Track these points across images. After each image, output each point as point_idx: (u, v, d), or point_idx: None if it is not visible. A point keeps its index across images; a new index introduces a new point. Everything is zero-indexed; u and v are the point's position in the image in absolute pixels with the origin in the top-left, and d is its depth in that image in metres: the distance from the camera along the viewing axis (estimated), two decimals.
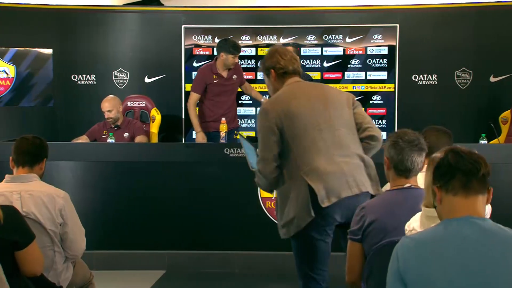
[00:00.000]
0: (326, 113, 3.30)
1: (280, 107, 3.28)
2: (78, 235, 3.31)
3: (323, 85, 3.69)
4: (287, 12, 7.16)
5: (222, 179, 5.29)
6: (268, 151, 3.25)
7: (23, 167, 3.28)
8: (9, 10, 6.99)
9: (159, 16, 7.21)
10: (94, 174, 5.30)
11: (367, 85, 7.08)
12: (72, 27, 7.14)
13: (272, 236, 5.18)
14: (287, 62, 3.43)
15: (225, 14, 7.21)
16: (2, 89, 6.99)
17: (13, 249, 2.82)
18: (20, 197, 3.16)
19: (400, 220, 2.59)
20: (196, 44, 7.05)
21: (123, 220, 5.26)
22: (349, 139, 3.32)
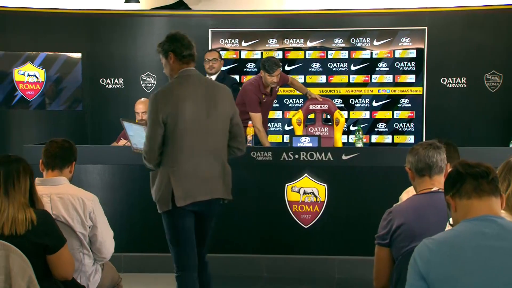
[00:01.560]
0: (208, 119, 3.67)
1: (169, 105, 3.61)
2: (107, 238, 3.33)
3: (215, 86, 3.89)
4: (314, 16, 7.14)
5: (249, 182, 5.28)
6: (153, 141, 3.62)
7: (53, 170, 3.32)
8: (38, 15, 7.08)
9: (187, 20, 7.24)
10: (122, 177, 5.33)
11: (394, 88, 7.03)
12: (101, 31, 7.21)
13: (299, 240, 5.20)
14: (185, 47, 3.82)
15: (252, 17, 7.22)
16: (32, 93, 7.08)
17: (45, 252, 2.85)
18: (50, 200, 3.19)
19: (428, 224, 2.56)
20: (223, 47, 7.07)
21: (151, 223, 5.26)
22: (220, 146, 3.76)
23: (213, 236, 5.23)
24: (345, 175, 5.20)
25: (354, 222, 5.17)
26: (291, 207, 5.19)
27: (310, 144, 5.36)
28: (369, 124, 7.04)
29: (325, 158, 5.16)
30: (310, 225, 5.19)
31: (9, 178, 2.82)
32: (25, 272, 2.70)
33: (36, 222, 2.79)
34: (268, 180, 5.26)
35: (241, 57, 7.09)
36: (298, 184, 5.18)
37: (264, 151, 5.21)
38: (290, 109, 7.06)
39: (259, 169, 5.23)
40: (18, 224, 2.76)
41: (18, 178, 2.83)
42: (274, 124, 7.12)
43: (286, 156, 5.19)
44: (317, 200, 5.16)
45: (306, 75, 7.06)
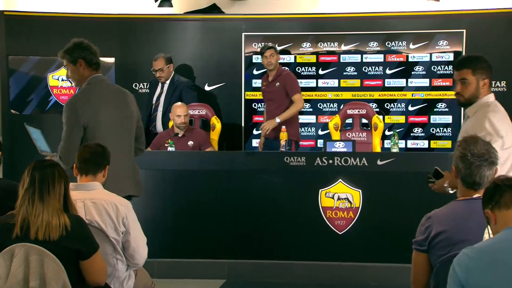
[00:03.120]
0: (122, 122, 4.02)
1: (89, 110, 3.89)
2: (140, 244, 3.35)
3: (122, 91, 4.24)
4: (348, 19, 7.11)
5: (283, 187, 5.29)
6: (72, 144, 3.82)
7: (86, 176, 3.36)
8: (72, 20, 7.18)
9: (220, 24, 7.28)
10: (155, 183, 5.37)
11: (431, 93, 6.96)
12: (134, 35, 7.28)
13: (333, 246, 5.19)
14: (94, 54, 4.07)
15: (286, 21, 7.22)
16: (66, 98, 7.15)
17: (78, 258, 2.88)
18: (83, 205, 3.22)
19: (468, 232, 2.53)
20: (256, 51, 7.07)
21: (183, 229, 5.31)
22: (131, 147, 4.13)
23: (245, 242, 5.26)
24: (380, 180, 5.17)
25: (390, 228, 5.14)
26: (325, 213, 5.18)
27: (345, 149, 5.35)
28: (405, 128, 6.98)
29: (359, 163, 5.15)
30: (345, 231, 5.17)
31: (44, 183, 2.85)
32: (59, 277, 2.73)
33: (70, 228, 2.82)
34: (301, 186, 5.26)
35: None
36: (332, 189, 5.16)
37: (298, 156, 5.22)
38: (324, 114, 7.04)
39: (293, 175, 5.24)
40: (52, 229, 2.79)
41: (53, 183, 2.86)
42: (307, 129, 7.11)
43: (320, 161, 5.19)
44: (352, 206, 5.14)
45: (340, 79, 7.03)
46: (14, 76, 7.09)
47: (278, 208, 5.24)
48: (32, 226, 2.78)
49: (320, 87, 7.04)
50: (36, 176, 2.85)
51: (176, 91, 6.59)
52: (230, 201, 5.29)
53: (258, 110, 7.08)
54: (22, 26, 7.09)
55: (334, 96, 7.05)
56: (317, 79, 7.05)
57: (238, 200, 5.28)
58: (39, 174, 2.85)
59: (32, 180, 2.84)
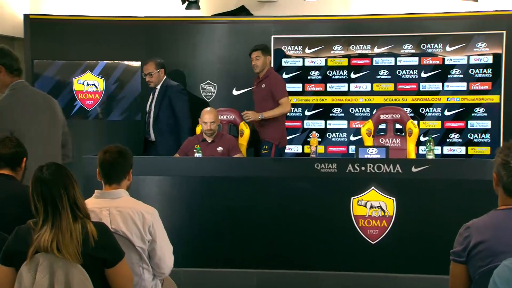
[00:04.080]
0: (48, 129, 4.20)
1: (15, 116, 4.04)
2: (166, 252, 3.35)
3: (47, 97, 4.43)
4: (382, 20, 7.08)
5: (313, 195, 5.25)
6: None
7: (111, 185, 3.37)
8: (98, 24, 7.26)
9: (248, 26, 7.29)
10: (181, 189, 5.38)
11: (468, 97, 6.88)
12: (160, 39, 7.32)
13: (365, 256, 5.14)
14: (15, 61, 4.20)
15: (316, 23, 7.20)
16: (91, 103, 7.25)
17: (103, 266, 2.88)
18: (109, 213, 3.23)
19: (509, 243, 2.48)
20: (286, 54, 7.08)
21: (210, 237, 5.31)
22: (58, 153, 4.34)
23: (275, 251, 5.24)
24: (415, 188, 5.12)
25: (425, 238, 5.08)
26: (357, 222, 5.14)
27: (378, 155, 5.31)
28: (441, 134, 6.91)
29: (393, 170, 5.10)
30: (378, 241, 5.12)
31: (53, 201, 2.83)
32: (85, 286, 2.74)
33: (96, 236, 2.82)
34: (332, 193, 5.22)
35: (305, 64, 7.09)
36: (364, 197, 5.12)
37: (329, 162, 5.18)
38: (356, 119, 7.01)
39: (323, 182, 5.20)
40: (79, 239, 2.79)
41: (61, 199, 2.84)
42: (338, 134, 7.08)
43: (352, 168, 5.15)
44: (385, 215, 5.10)
45: (373, 83, 6.99)
46: (39, 80, 7.18)
47: (308, 216, 5.21)
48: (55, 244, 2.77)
49: (352, 91, 7.00)
50: (42, 198, 2.83)
51: (166, 96, 6.61)
52: (258, 208, 5.27)
53: (287, 115, 7.05)
54: (47, 30, 7.19)
55: (366, 100, 7.01)
56: (349, 83, 7.02)
57: (267, 208, 5.26)
58: (45, 192, 2.83)
59: (41, 204, 2.84)
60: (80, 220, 2.84)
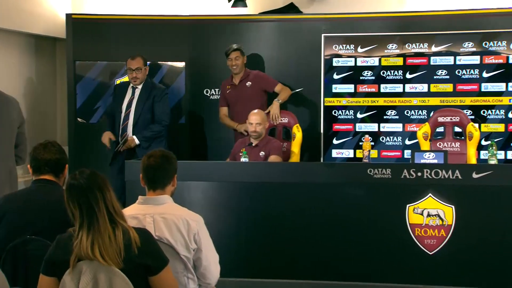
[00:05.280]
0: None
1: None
2: (211, 262, 3.36)
3: (6, 99, 4.71)
4: (440, 17, 6.98)
5: (365, 202, 5.23)
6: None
7: (155, 191, 3.40)
8: (140, 23, 7.34)
9: (298, 24, 7.28)
10: (227, 195, 5.41)
11: None
12: (206, 38, 7.36)
13: (422, 268, 5.09)
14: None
15: (369, 21, 7.16)
16: None
17: (147, 274, 2.90)
18: (153, 220, 3.26)
19: None
20: (337, 54, 7.05)
21: (257, 246, 5.32)
22: (7, 153, 4.64)
23: (325, 261, 5.22)
24: (476, 195, 5.05)
25: (486, 249, 5.00)
26: (413, 231, 5.09)
27: (435, 160, 5.26)
28: (504, 138, 6.78)
29: (452, 176, 5.04)
30: (436, 251, 5.07)
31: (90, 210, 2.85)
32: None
33: (139, 243, 2.85)
34: (386, 200, 5.19)
35: (357, 64, 7.04)
36: (421, 205, 5.08)
37: (383, 168, 5.14)
38: (412, 122, 6.93)
39: (377, 188, 5.17)
40: (121, 246, 2.81)
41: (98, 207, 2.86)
42: (393, 138, 7.01)
43: (407, 173, 5.11)
44: (443, 224, 5.04)
45: (430, 84, 6.90)
46: (81, 82, 7.30)
47: (361, 224, 5.18)
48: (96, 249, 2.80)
49: (407, 92, 6.93)
50: (77, 204, 2.86)
51: (150, 98, 6.39)
52: (308, 216, 5.26)
53: (338, 117, 7.03)
54: (89, 30, 7.31)
55: (420, 102, 6.93)
56: (404, 83, 6.94)
57: (316, 215, 5.25)
58: (80, 197, 2.86)
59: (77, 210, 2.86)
60: (120, 226, 2.87)
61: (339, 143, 7.01)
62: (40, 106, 7.52)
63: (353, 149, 7.07)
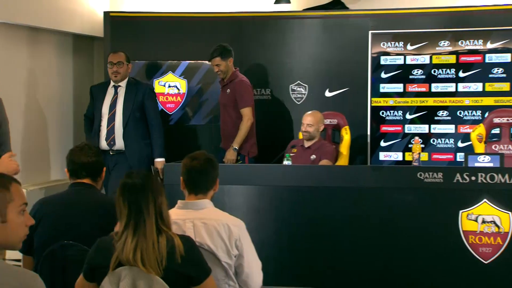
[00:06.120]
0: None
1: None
2: (254, 269, 3.36)
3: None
4: (495, 12, 6.89)
5: (415, 208, 5.19)
6: None
7: (196, 195, 3.40)
8: (180, 20, 7.39)
9: (343, 21, 7.26)
10: (269, 200, 5.40)
11: None
12: (246, 36, 7.38)
13: (476, 277, 5.03)
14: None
15: (419, 16, 7.09)
16: (173, 106, 7.35)
17: (189, 284, 2.90)
18: (193, 225, 3.27)
19: None
20: (385, 52, 7.00)
21: (300, 253, 5.30)
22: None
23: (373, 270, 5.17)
24: None
25: None
26: (467, 238, 5.03)
27: (491, 163, 5.20)
28: None
29: (509, 180, 4.98)
30: (491, 260, 5.00)
31: (139, 212, 2.87)
32: None
33: (183, 251, 2.85)
34: (438, 206, 5.14)
35: (406, 62, 6.98)
36: (475, 211, 5.02)
37: (434, 171, 5.09)
38: (465, 123, 6.85)
39: (428, 193, 5.13)
40: (163, 253, 2.82)
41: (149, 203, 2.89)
42: (444, 140, 6.93)
43: (460, 177, 5.05)
44: (500, 231, 4.98)
45: (485, 83, 6.81)
46: None
47: (410, 232, 5.14)
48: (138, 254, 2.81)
49: (460, 92, 6.84)
50: (128, 203, 2.88)
51: (138, 95, 6.20)
52: (353, 222, 5.24)
53: (386, 118, 6.98)
54: (128, 28, 7.38)
55: (473, 102, 6.84)
56: (457, 82, 6.86)
57: (362, 222, 5.22)
58: (131, 202, 2.88)
59: (126, 209, 2.89)
60: (165, 233, 2.87)
61: (387, 145, 6.96)
62: (78, 106, 7.61)
63: (402, 152, 7.01)
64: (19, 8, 6.31)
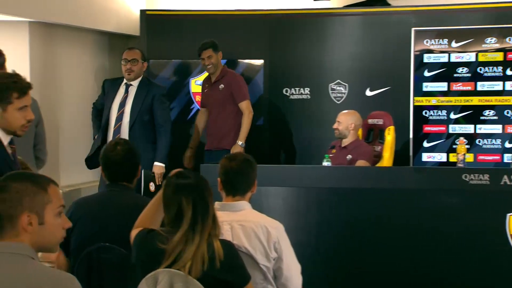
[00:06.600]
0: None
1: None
2: (293, 272, 3.36)
3: None
4: None
5: (460, 210, 5.15)
6: None
7: (234, 197, 3.42)
8: (216, 18, 7.42)
9: (385, 18, 7.22)
10: (308, 202, 5.40)
11: None
12: (286, 34, 7.38)
13: None
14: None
15: (464, 12, 7.02)
16: None
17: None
18: (230, 228, 3.28)
19: None
20: (428, 49, 6.94)
21: (339, 256, 5.29)
22: (28, 153, 4.83)
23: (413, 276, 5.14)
24: None
25: None
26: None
27: None
28: None
29: None
30: None
31: (196, 213, 2.88)
32: None
33: (222, 257, 2.85)
34: (484, 209, 5.09)
35: (451, 60, 6.91)
36: None
37: (480, 173, 5.04)
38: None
39: (473, 195, 5.08)
40: (204, 260, 2.82)
41: (208, 204, 2.91)
42: (491, 140, 6.85)
43: (507, 179, 5.01)
44: None
45: None
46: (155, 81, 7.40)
47: (454, 235, 5.10)
48: (183, 257, 2.82)
49: (507, 90, 6.75)
50: (183, 201, 2.88)
51: (148, 96, 6.09)
52: (394, 225, 5.21)
53: (429, 118, 6.91)
54: (164, 27, 7.43)
55: None
56: (504, 81, 6.77)
57: (404, 225, 5.18)
58: (187, 199, 2.88)
59: (180, 207, 2.89)
60: (207, 237, 2.88)
61: (430, 146, 6.89)
62: None
63: (446, 153, 6.94)
64: (56, 7, 6.39)
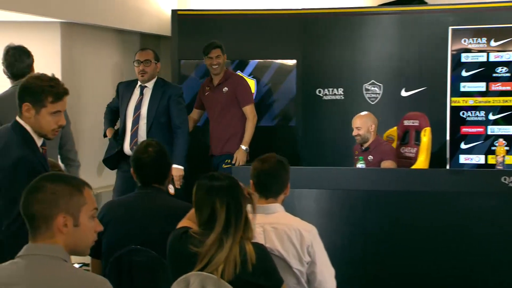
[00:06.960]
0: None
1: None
2: (327, 277, 3.35)
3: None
4: None
5: (499, 214, 5.10)
6: None
7: (267, 199, 3.42)
8: (248, 18, 7.42)
9: (421, 16, 7.17)
10: (342, 204, 5.39)
11: None
12: (318, 33, 7.36)
13: None
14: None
15: (503, 10, 6.95)
16: None
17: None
18: (263, 230, 3.28)
19: None
20: (466, 48, 6.89)
21: (374, 260, 5.26)
22: (53, 153, 4.82)
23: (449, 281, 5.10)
24: None
25: None
26: None
27: None
28: None
29: None
30: None
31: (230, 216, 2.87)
32: None
33: (254, 260, 2.84)
34: None
35: (489, 59, 6.85)
36: None
37: None
38: None
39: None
40: (236, 264, 2.81)
41: (241, 206, 2.91)
42: None
43: None
44: None
45: None
46: (186, 82, 7.44)
47: (493, 237, 5.06)
48: (215, 259, 2.81)
49: None
50: (216, 203, 2.87)
51: (164, 97, 5.92)
52: (430, 229, 5.17)
53: (467, 119, 6.86)
54: (195, 27, 7.45)
55: None
56: None
57: (440, 228, 5.15)
58: (221, 201, 2.87)
59: (213, 210, 2.88)
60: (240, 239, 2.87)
61: (468, 147, 6.84)
62: None
63: (484, 155, 6.88)
64: (87, 8, 6.43)
